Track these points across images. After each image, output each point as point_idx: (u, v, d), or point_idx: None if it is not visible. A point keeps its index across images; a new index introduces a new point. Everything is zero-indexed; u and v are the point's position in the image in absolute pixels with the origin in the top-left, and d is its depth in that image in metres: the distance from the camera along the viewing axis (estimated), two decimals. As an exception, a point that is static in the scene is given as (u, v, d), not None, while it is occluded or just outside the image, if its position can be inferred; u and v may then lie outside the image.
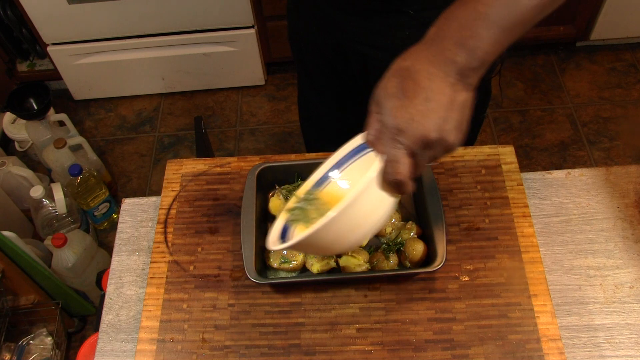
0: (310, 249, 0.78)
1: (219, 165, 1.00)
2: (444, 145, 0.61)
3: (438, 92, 0.60)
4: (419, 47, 0.63)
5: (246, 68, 2.26)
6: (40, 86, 1.86)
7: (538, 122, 2.16)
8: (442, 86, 0.60)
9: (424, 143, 0.60)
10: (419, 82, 0.60)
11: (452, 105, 0.60)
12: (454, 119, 0.60)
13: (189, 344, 0.82)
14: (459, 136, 0.62)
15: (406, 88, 0.60)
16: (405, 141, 0.60)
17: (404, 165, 0.61)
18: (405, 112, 0.60)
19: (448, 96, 0.60)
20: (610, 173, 0.98)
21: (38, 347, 1.59)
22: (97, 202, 1.88)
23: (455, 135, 0.61)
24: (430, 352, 0.79)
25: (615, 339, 0.82)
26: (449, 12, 0.63)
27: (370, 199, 0.65)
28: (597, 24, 2.18)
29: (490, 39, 0.60)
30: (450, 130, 0.60)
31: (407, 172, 0.62)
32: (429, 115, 0.59)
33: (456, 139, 0.61)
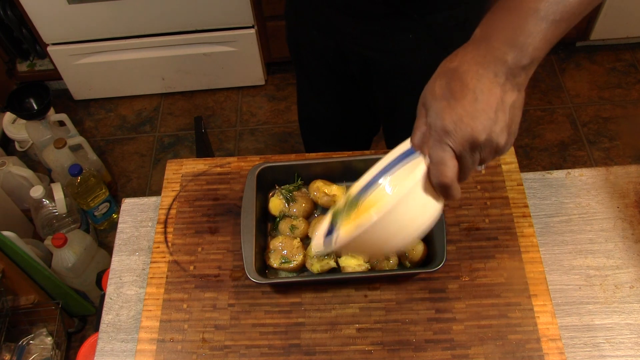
0: (354, 251, 0.78)
1: (219, 165, 1.00)
2: (492, 147, 0.59)
3: (487, 92, 0.58)
4: (466, 47, 0.61)
5: (246, 68, 2.26)
6: (40, 86, 1.86)
7: (538, 122, 2.16)
8: (491, 86, 0.58)
9: (471, 145, 0.58)
10: (466, 83, 0.58)
11: (501, 106, 0.58)
12: (503, 120, 0.58)
13: (189, 344, 0.82)
14: (509, 138, 0.59)
15: (454, 89, 0.59)
16: (452, 143, 0.58)
17: (450, 167, 0.59)
18: (452, 113, 0.58)
19: (497, 97, 0.58)
20: (610, 173, 0.98)
21: (38, 347, 1.59)
22: (97, 202, 1.88)
23: (504, 137, 0.59)
24: (430, 352, 0.79)
25: (615, 339, 0.82)
26: (494, 10, 0.61)
27: (415, 202, 0.63)
28: (597, 24, 2.18)
29: (540, 35, 0.58)
30: (499, 132, 0.58)
31: (453, 175, 0.59)
32: (477, 116, 0.57)
33: (506, 141, 0.59)
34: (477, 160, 0.60)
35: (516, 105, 0.60)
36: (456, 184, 0.61)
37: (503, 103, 0.58)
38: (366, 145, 1.44)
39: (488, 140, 0.58)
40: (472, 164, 0.60)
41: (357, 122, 1.34)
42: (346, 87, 1.19)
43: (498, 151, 0.60)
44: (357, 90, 1.18)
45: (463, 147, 0.58)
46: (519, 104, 0.60)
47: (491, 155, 0.60)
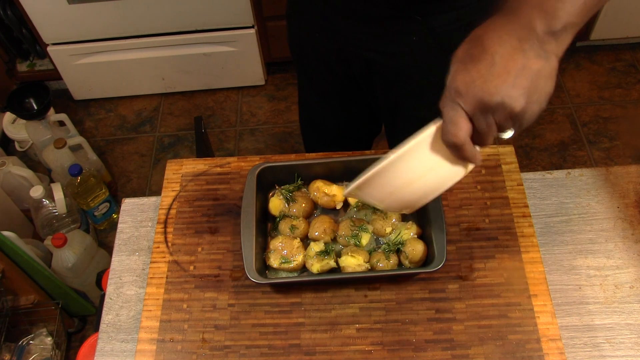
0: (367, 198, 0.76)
1: (219, 165, 1.00)
2: (507, 112, 0.57)
3: (507, 57, 0.57)
4: (497, 16, 0.60)
5: (246, 68, 2.26)
6: (40, 86, 1.86)
7: (538, 122, 2.16)
8: (512, 52, 0.57)
9: (482, 106, 0.58)
10: (487, 48, 0.58)
11: (522, 72, 0.56)
12: (521, 86, 0.57)
13: (189, 344, 0.82)
14: (529, 106, 0.57)
15: (473, 53, 0.58)
16: (463, 103, 0.58)
17: (460, 127, 0.59)
18: (466, 75, 0.58)
19: (518, 62, 0.57)
20: (610, 173, 0.98)
21: (38, 347, 1.59)
22: (97, 202, 1.88)
23: (521, 103, 0.57)
24: (430, 352, 0.79)
25: (615, 339, 0.82)
26: None
27: (425, 156, 0.64)
28: (597, 24, 2.18)
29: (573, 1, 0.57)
30: (515, 96, 0.56)
31: (463, 135, 0.59)
32: (490, 79, 0.57)
33: (523, 108, 0.57)
34: (492, 125, 0.59)
35: (543, 74, 0.58)
36: (469, 146, 0.60)
37: (525, 69, 0.57)
38: (367, 147, 1.44)
39: (500, 103, 0.57)
40: (488, 128, 0.59)
41: (358, 124, 1.34)
42: (348, 88, 1.19)
43: (515, 117, 0.58)
44: (359, 91, 1.18)
45: (474, 108, 0.58)
46: (546, 72, 0.58)
47: (509, 121, 0.59)
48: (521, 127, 0.60)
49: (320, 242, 0.88)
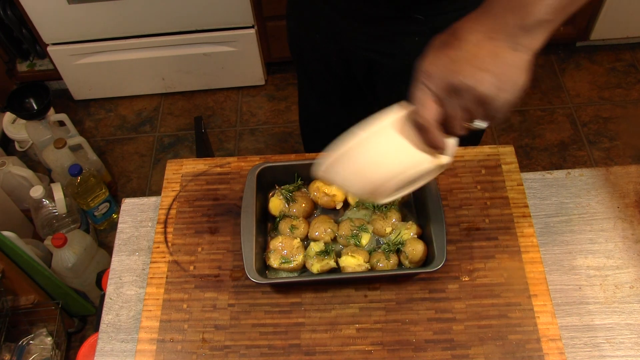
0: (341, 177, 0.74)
1: (219, 165, 1.00)
2: (475, 95, 0.58)
3: (475, 44, 0.58)
4: (473, 12, 0.62)
5: (246, 68, 2.26)
6: (40, 86, 1.86)
7: (538, 122, 2.16)
8: (482, 39, 0.58)
9: (449, 87, 0.58)
10: (459, 36, 0.59)
11: (492, 58, 0.58)
12: (491, 70, 0.57)
13: (189, 344, 0.82)
14: (499, 93, 0.58)
15: (446, 41, 0.60)
16: (430, 84, 0.59)
17: (426, 108, 0.60)
18: (436, 58, 0.59)
19: (487, 49, 0.58)
20: (610, 173, 0.98)
21: (38, 347, 1.59)
22: (97, 202, 1.88)
23: (490, 89, 0.57)
24: (430, 352, 0.79)
25: (615, 339, 0.82)
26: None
27: (395, 137, 0.64)
28: (597, 24, 2.18)
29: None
30: (484, 79, 0.57)
31: (428, 116, 0.60)
32: (458, 62, 0.58)
33: (492, 94, 0.58)
34: (460, 109, 0.59)
35: (514, 64, 0.59)
36: (435, 129, 0.61)
37: (495, 56, 0.58)
38: None
39: (467, 85, 0.57)
40: (455, 112, 0.60)
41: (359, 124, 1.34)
42: (349, 89, 1.19)
43: (484, 102, 0.59)
44: (360, 92, 1.18)
45: (441, 89, 0.59)
46: (518, 63, 0.59)
47: (477, 107, 0.59)
48: (492, 117, 0.60)
49: (320, 242, 0.88)
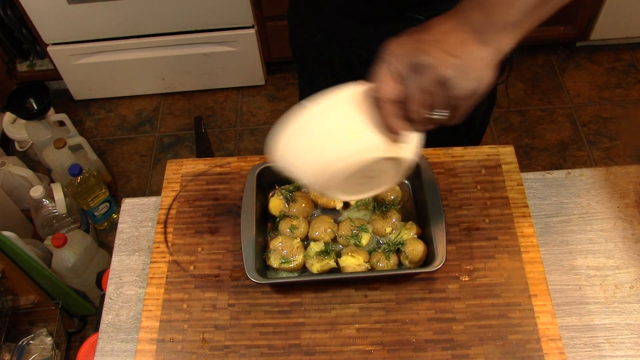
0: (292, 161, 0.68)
1: (219, 165, 1.00)
2: (435, 74, 0.57)
3: (444, 32, 0.59)
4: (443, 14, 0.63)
5: (246, 68, 2.26)
6: (40, 86, 1.86)
7: (538, 122, 2.16)
8: (448, 30, 0.59)
9: (410, 64, 0.58)
10: (428, 25, 0.60)
11: (457, 44, 0.58)
12: (454, 54, 0.58)
13: (189, 344, 0.82)
14: (464, 83, 0.58)
15: (416, 29, 0.61)
16: (393, 62, 0.59)
17: (385, 84, 0.59)
18: (403, 40, 0.60)
19: (454, 37, 0.58)
20: (610, 173, 0.98)
21: (38, 347, 1.59)
22: (97, 202, 1.88)
23: (450, 71, 0.57)
24: (430, 352, 0.79)
25: (615, 339, 0.82)
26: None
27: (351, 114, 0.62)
28: (597, 24, 2.18)
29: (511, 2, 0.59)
30: (446, 60, 0.57)
31: (385, 91, 0.59)
32: (424, 42, 0.58)
33: (454, 77, 0.57)
34: (420, 90, 0.58)
35: (480, 57, 0.59)
36: (391, 108, 0.60)
37: (461, 44, 0.58)
38: None
39: (430, 64, 0.57)
40: (414, 92, 0.59)
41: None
42: None
43: (444, 84, 0.58)
44: None
45: (402, 66, 0.59)
46: (484, 57, 0.59)
47: (438, 89, 0.58)
48: (453, 106, 0.60)
49: (320, 242, 0.88)
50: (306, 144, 0.64)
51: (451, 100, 0.59)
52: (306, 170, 0.66)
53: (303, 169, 0.66)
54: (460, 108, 0.60)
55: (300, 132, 0.64)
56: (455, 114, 0.61)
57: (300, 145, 0.64)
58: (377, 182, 0.71)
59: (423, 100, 0.59)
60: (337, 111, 0.63)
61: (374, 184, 0.71)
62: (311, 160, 0.64)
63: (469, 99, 0.60)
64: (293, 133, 0.64)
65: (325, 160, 0.63)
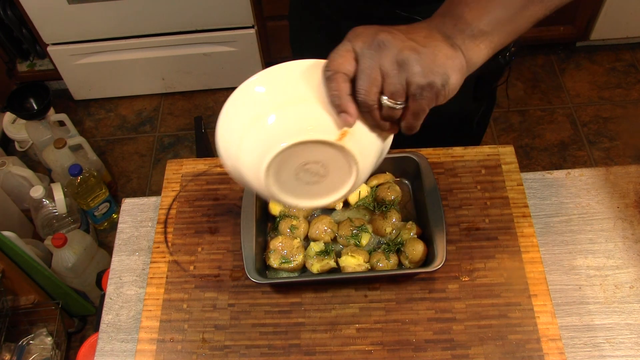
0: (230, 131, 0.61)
1: (219, 165, 1.00)
2: (392, 51, 0.55)
3: (411, 27, 0.58)
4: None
5: (246, 68, 2.26)
6: (40, 86, 1.86)
7: (538, 122, 2.16)
8: (417, 26, 0.59)
9: (371, 42, 0.56)
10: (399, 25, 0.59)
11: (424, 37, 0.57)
12: (417, 42, 0.56)
13: (189, 344, 0.82)
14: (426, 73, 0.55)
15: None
16: (354, 41, 0.57)
17: (340, 57, 0.56)
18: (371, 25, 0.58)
19: (424, 32, 0.57)
20: (610, 173, 0.98)
21: (38, 347, 1.59)
22: (97, 202, 1.88)
23: (410, 55, 0.54)
24: (430, 352, 0.79)
25: (615, 339, 0.82)
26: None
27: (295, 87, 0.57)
28: (597, 24, 2.18)
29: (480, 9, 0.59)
30: (406, 42, 0.55)
31: (338, 63, 0.56)
32: (391, 28, 0.57)
33: (416, 62, 0.54)
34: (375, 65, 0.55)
35: (448, 55, 0.57)
36: (341, 81, 0.56)
37: (428, 37, 0.57)
38: None
39: (391, 44, 0.55)
40: (368, 66, 0.55)
41: None
42: None
43: (402, 66, 0.55)
44: None
45: (362, 43, 0.56)
46: (452, 56, 0.57)
47: (394, 70, 0.55)
48: (412, 94, 0.56)
49: (320, 242, 0.88)
50: (241, 125, 0.57)
51: (406, 87, 0.56)
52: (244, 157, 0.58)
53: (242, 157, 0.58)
54: (416, 102, 0.56)
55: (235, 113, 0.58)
56: (410, 108, 0.57)
57: (237, 127, 0.57)
58: (329, 184, 0.62)
59: (375, 78, 0.55)
60: (280, 83, 0.58)
61: (326, 187, 0.63)
62: (247, 142, 0.57)
63: (427, 92, 0.56)
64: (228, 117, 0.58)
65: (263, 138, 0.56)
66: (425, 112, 0.58)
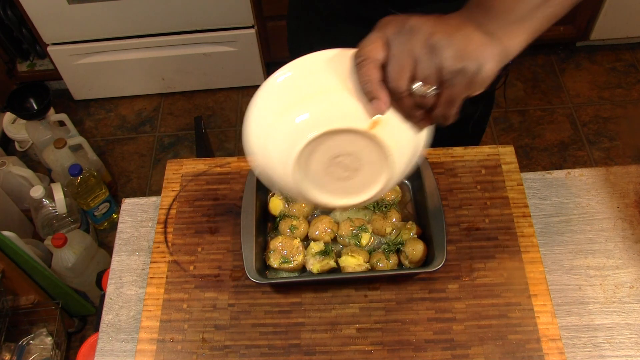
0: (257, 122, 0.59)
1: (219, 165, 1.00)
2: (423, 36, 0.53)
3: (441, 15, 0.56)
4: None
5: (246, 68, 2.26)
6: (40, 86, 1.86)
7: (538, 122, 2.16)
8: (449, 16, 0.57)
9: (401, 28, 0.54)
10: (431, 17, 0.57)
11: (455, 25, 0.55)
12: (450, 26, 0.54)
13: (189, 344, 0.82)
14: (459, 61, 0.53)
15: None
16: (385, 29, 0.56)
17: (371, 44, 0.55)
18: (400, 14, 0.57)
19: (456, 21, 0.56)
20: (610, 173, 0.98)
21: (38, 347, 1.59)
22: (97, 202, 1.88)
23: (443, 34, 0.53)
24: (430, 352, 0.79)
25: (615, 339, 0.82)
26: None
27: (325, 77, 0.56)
28: (597, 24, 2.18)
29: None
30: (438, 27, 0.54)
31: (369, 52, 0.55)
32: (416, 15, 0.55)
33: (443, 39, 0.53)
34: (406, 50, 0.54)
35: (476, 38, 0.55)
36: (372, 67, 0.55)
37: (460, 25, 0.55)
38: None
39: (419, 27, 0.54)
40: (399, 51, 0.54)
41: None
42: None
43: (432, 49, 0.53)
44: None
45: (393, 29, 0.55)
46: (482, 40, 0.55)
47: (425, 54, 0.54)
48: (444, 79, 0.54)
49: (320, 242, 0.88)
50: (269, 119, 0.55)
51: (439, 73, 0.54)
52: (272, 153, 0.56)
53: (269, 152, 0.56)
54: (448, 88, 0.55)
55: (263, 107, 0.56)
56: (443, 95, 0.55)
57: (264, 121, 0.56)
58: (362, 180, 0.60)
59: (406, 63, 0.54)
60: (307, 74, 0.57)
61: (359, 183, 0.60)
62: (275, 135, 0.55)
63: (459, 78, 0.54)
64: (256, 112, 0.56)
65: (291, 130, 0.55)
66: (459, 101, 0.56)
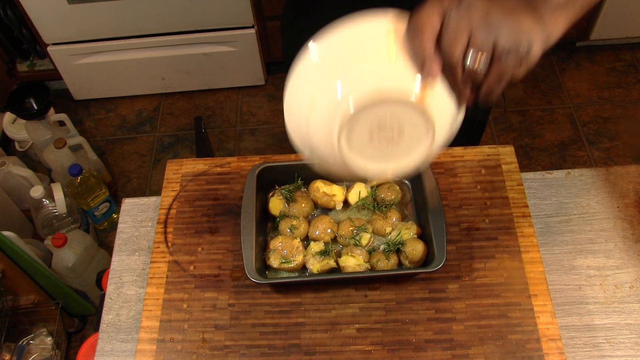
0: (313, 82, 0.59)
1: (219, 165, 1.00)
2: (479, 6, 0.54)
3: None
4: None
5: (246, 68, 2.26)
6: (40, 86, 1.86)
7: (538, 122, 2.16)
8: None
9: (456, 1, 0.55)
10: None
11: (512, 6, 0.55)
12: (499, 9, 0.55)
13: (189, 344, 0.82)
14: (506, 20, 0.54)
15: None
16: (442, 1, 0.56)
17: (426, 13, 0.55)
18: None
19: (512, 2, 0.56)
20: (610, 173, 0.98)
21: (38, 347, 1.59)
22: (97, 202, 1.88)
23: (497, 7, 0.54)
24: (430, 352, 0.79)
25: (615, 339, 0.82)
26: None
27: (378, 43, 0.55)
28: (597, 24, 2.18)
29: None
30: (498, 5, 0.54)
31: (423, 21, 0.55)
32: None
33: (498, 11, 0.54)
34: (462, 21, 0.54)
35: (528, 19, 0.56)
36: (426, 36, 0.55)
37: (515, 6, 0.56)
38: None
39: (478, 7, 0.54)
40: (454, 22, 0.55)
41: None
42: None
43: (488, 25, 0.54)
44: None
45: (449, 2, 0.55)
46: (531, 20, 0.56)
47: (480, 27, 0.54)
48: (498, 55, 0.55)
49: (320, 242, 0.88)
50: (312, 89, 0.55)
51: (493, 48, 0.55)
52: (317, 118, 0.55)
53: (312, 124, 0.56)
54: (500, 64, 0.56)
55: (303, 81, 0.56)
56: (493, 71, 0.56)
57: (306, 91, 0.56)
58: (403, 147, 0.60)
59: (461, 34, 0.54)
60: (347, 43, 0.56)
61: (399, 150, 0.60)
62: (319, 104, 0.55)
63: (512, 56, 0.55)
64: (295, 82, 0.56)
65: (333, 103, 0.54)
66: (507, 78, 0.57)
